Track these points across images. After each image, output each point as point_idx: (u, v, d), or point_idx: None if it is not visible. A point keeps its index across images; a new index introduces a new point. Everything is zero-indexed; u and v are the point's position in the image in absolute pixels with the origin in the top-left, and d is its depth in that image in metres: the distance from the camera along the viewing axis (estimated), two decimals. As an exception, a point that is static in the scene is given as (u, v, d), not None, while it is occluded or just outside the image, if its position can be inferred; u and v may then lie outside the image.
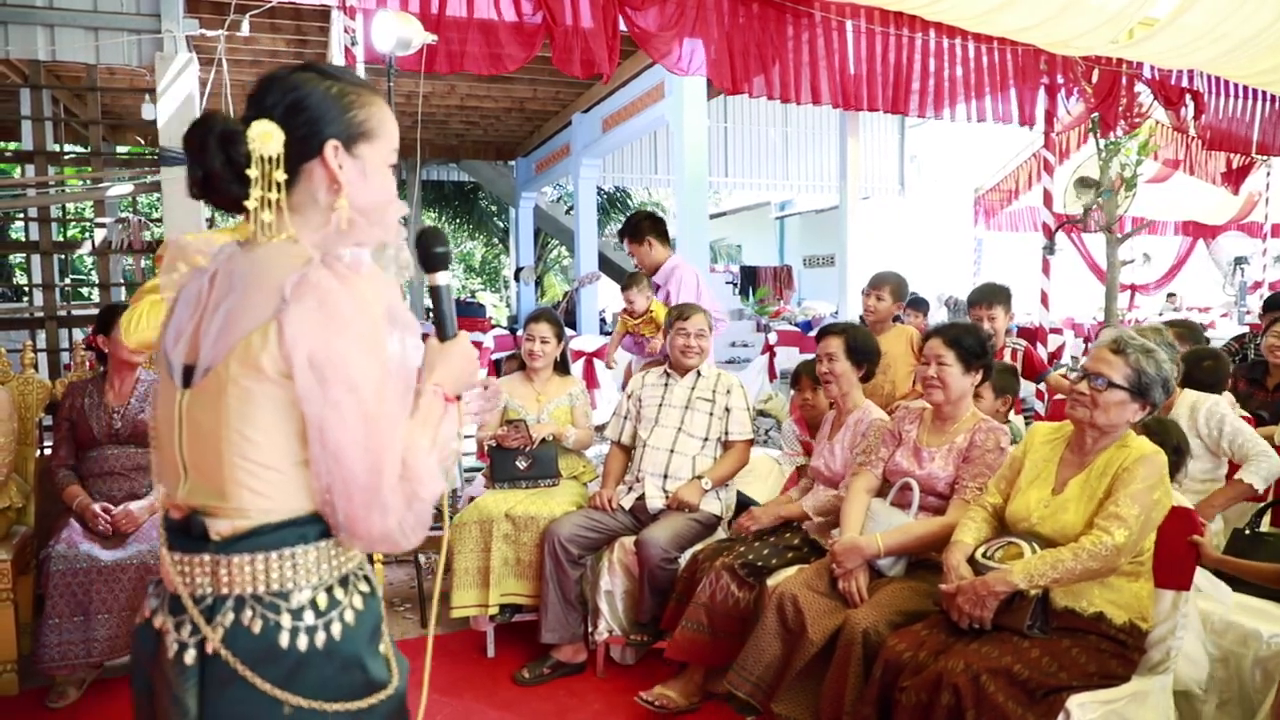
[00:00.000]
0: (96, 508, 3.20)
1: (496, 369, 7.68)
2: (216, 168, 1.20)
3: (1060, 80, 6.53)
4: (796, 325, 10.94)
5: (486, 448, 3.71)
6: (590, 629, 3.36)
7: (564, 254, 20.07)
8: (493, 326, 12.64)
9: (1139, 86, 6.82)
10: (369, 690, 1.23)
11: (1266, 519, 2.98)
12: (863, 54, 5.76)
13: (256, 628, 1.16)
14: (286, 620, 1.17)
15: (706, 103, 7.96)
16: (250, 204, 1.20)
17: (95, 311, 4.22)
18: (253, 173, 1.19)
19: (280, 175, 1.20)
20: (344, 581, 1.24)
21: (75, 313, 5.44)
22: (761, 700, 2.59)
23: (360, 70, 4.38)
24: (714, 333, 4.76)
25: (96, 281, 5.43)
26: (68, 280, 8.82)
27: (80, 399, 3.39)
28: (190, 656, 1.16)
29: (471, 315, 12.72)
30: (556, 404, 3.81)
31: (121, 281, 6.11)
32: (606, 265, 13.56)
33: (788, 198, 17.00)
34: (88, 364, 3.76)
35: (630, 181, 15.26)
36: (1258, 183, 10.91)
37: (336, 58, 4.34)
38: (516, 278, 15.58)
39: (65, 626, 3.01)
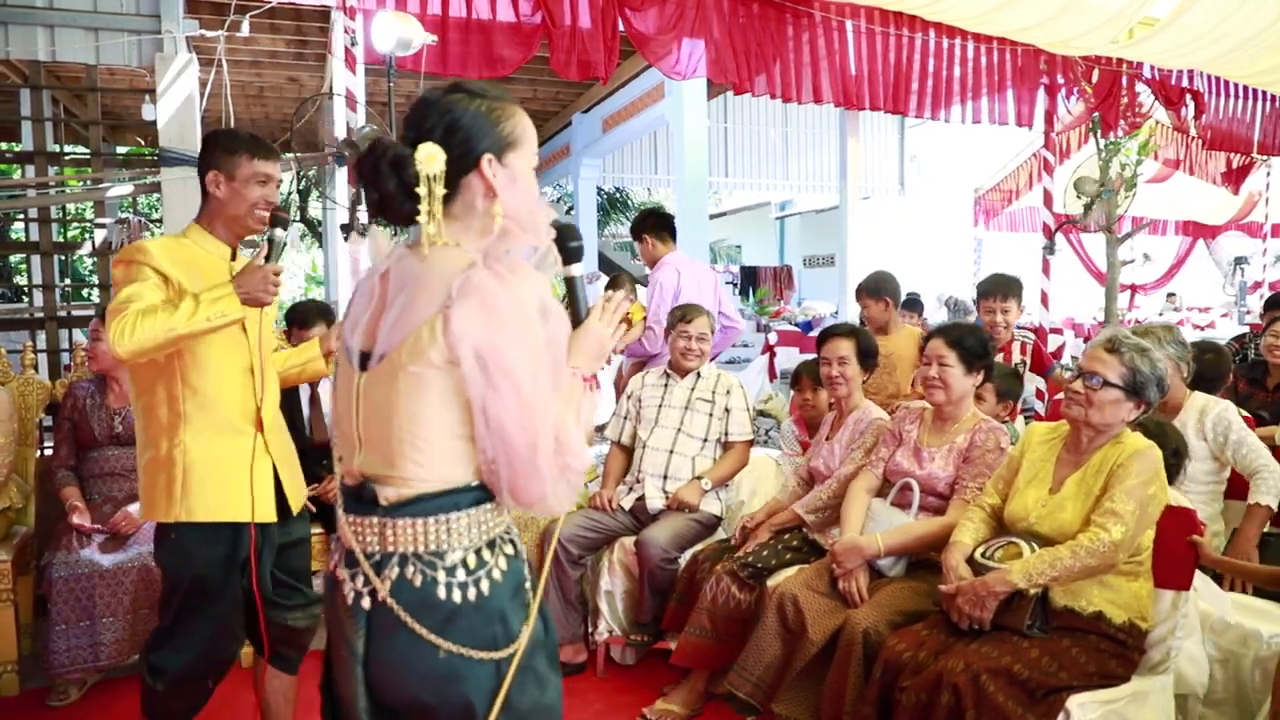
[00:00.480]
0: (77, 520, 3.15)
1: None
2: (391, 189, 1.37)
3: (1060, 80, 6.53)
4: (797, 325, 10.94)
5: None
6: (590, 629, 3.36)
7: (564, 254, 20.05)
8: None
9: (1139, 86, 6.83)
10: (509, 641, 1.38)
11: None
12: (863, 54, 5.76)
13: (417, 581, 1.35)
14: (442, 576, 1.35)
15: (706, 103, 7.95)
16: (421, 219, 1.36)
17: (95, 313, 4.22)
18: (421, 191, 1.34)
19: (442, 190, 1.36)
20: (491, 545, 1.40)
21: (75, 313, 5.44)
22: (762, 700, 2.59)
23: (360, 71, 4.38)
24: (727, 337, 4.66)
25: (97, 282, 5.44)
26: (68, 281, 8.82)
27: (82, 400, 3.39)
28: (365, 603, 1.36)
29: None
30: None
31: (122, 282, 6.12)
32: (606, 265, 13.55)
33: (788, 198, 16.98)
34: (87, 364, 3.76)
35: (630, 182, 15.26)
36: (1258, 183, 10.90)
37: (337, 58, 4.34)
38: (516, 278, 15.56)
39: (72, 632, 3.02)
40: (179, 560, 2.20)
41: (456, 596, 1.35)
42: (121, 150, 9.64)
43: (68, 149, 8.29)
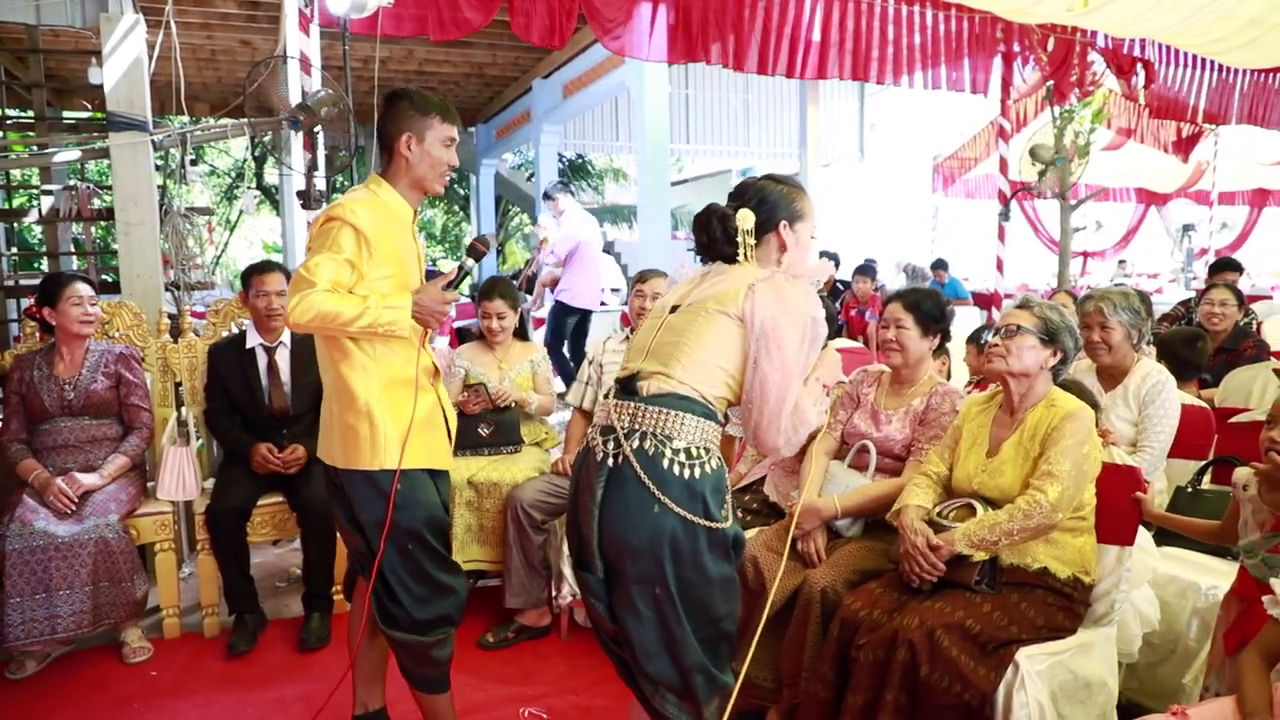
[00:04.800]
0: (59, 484, 3.14)
1: (460, 337, 7.63)
2: (717, 235, 2.06)
3: (1017, 48, 6.59)
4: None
5: (448, 416, 3.70)
6: (554, 593, 3.39)
7: (525, 221, 19.91)
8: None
9: (1092, 55, 6.91)
10: (706, 517, 1.90)
11: (1207, 477, 3.08)
12: (818, 21, 5.75)
13: (650, 451, 1.89)
14: (667, 453, 1.89)
15: (668, 69, 7.91)
16: (739, 256, 2.05)
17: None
18: (739, 239, 2.04)
19: (752, 240, 2.05)
20: (706, 449, 1.93)
21: (24, 282, 5.32)
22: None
23: (314, 34, 4.29)
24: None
25: (45, 250, 5.31)
26: (15, 250, 8.58)
27: (29, 371, 3.32)
28: (610, 461, 1.92)
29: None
30: (518, 370, 3.81)
31: (71, 250, 5.97)
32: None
33: (749, 165, 16.97)
34: (37, 335, 3.68)
35: (591, 148, 15.14)
36: (1206, 151, 11.11)
37: (290, 19, 4.24)
38: (477, 245, 15.42)
39: (28, 605, 2.96)
40: (412, 506, 2.30)
41: (675, 470, 1.88)
42: (69, 116, 9.35)
43: (10, 113, 8.04)
